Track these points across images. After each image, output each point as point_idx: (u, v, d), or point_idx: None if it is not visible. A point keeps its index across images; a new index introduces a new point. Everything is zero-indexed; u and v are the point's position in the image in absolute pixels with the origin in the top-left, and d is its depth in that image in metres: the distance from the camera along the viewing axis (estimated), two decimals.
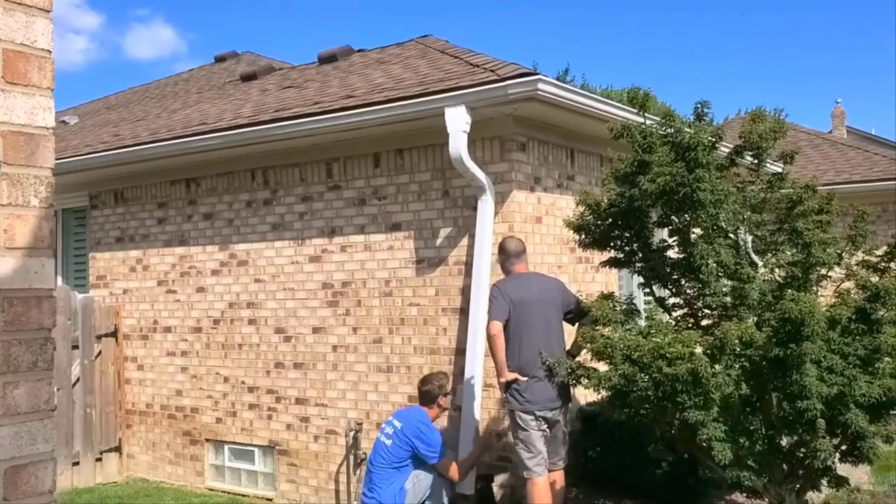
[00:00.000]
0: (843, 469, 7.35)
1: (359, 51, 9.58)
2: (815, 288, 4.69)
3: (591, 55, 52.81)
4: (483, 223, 6.01)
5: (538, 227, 6.35)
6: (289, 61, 11.66)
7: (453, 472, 5.55)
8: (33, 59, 1.61)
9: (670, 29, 55.12)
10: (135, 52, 62.36)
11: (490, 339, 4.94)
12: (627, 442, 5.85)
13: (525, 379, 4.88)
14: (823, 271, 4.76)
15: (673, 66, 54.99)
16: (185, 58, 60.87)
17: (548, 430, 4.96)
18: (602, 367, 4.67)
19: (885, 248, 4.68)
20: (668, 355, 4.03)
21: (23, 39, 1.59)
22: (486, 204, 6.00)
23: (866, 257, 4.76)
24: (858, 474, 7.22)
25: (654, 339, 4.17)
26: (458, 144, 5.74)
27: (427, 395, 5.78)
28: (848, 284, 4.67)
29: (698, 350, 4.18)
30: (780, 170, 10.15)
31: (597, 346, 4.44)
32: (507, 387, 4.94)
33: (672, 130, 4.45)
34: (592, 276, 6.97)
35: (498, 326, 4.89)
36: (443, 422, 6.10)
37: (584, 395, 6.32)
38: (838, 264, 4.76)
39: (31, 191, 1.59)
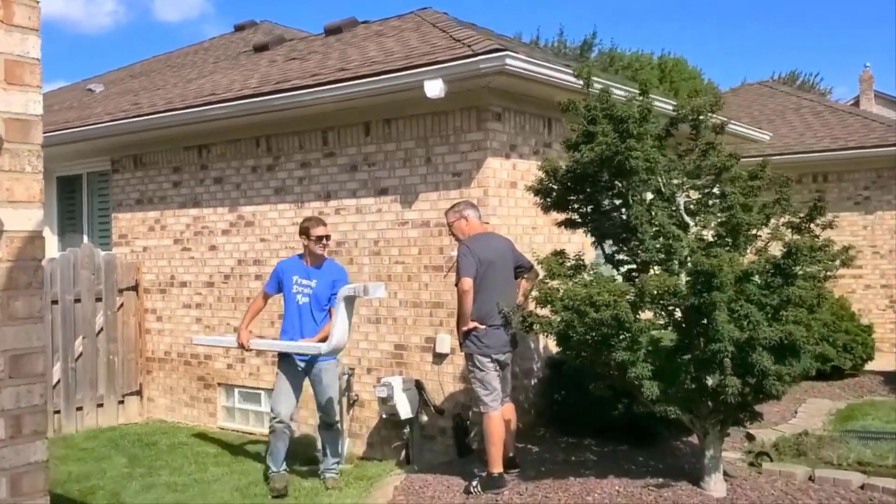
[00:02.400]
0: (809, 416, 7.91)
1: (363, 23, 10.12)
2: (744, 246, 5.22)
3: (621, 19, 52.53)
4: None
5: (513, 191, 6.91)
6: (308, 29, 12.24)
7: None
8: (27, 66, 2.23)
9: None
10: (163, 15, 62.95)
11: (463, 293, 5.54)
12: (588, 386, 6.44)
13: (483, 327, 5.50)
14: (754, 231, 5.29)
15: (707, 31, 54.54)
16: (212, 19, 61.38)
17: (500, 371, 5.59)
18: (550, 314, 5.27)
19: (805, 210, 5.19)
20: (596, 302, 4.62)
21: (19, 52, 2.22)
22: None
23: (791, 219, 5.27)
24: (814, 422, 7.79)
25: (590, 289, 4.75)
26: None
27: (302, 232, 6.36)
28: (775, 244, 5.20)
29: (628, 298, 4.75)
30: (766, 137, 10.51)
31: (541, 296, 5.04)
32: (466, 334, 5.57)
33: (608, 105, 4.97)
34: (569, 237, 7.50)
35: (469, 283, 5.51)
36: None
37: (553, 345, 6.92)
38: (766, 225, 5.28)
39: (25, 160, 2.23)
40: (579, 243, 7.49)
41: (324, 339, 6.04)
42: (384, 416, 6.80)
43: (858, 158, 12.40)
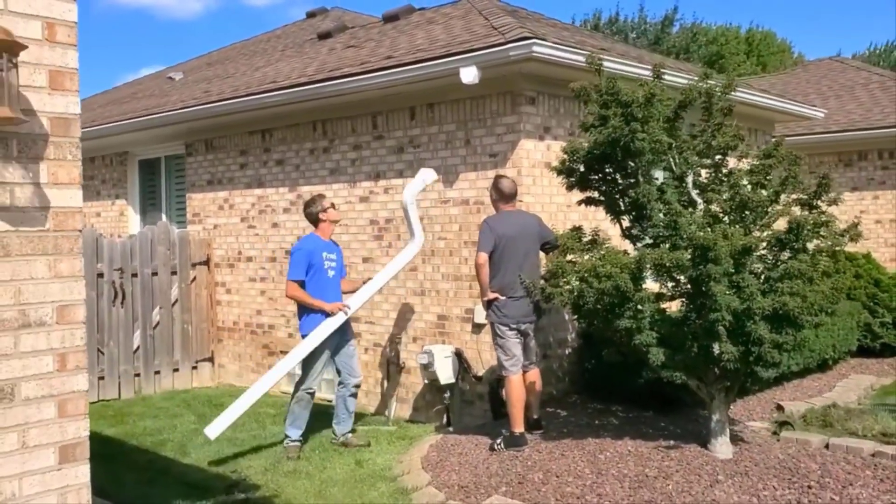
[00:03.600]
0: (846, 390, 7.99)
1: (419, 10, 10.57)
2: (753, 222, 5.49)
3: None
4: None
5: (547, 171, 7.27)
6: (377, 14, 12.69)
7: (287, 287, 6.71)
8: (67, 74, 2.79)
9: None
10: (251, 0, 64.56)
11: (477, 267, 6.02)
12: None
13: (503, 298, 5.94)
14: (763, 209, 5.54)
15: (801, 2, 52.79)
16: (299, 2, 62.62)
17: (522, 339, 6.02)
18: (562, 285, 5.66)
19: (813, 186, 5.41)
20: (599, 273, 5.00)
21: (60, 63, 2.77)
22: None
23: (801, 196, 5.51)
24: (849, 395, 7.92)
25: (594, 261, 5.13)
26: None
27: (310, 217, 6.88)
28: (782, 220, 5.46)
29: (629, 269, 5.10)
30: (820, 115, 10.52)
31: (554, 268, 5.44)
32: (489, 304, 6.02)
33: (614, 91, 5.31)
34: (605, 215, 7.84)
35: (484, 257, 5.96)
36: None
37: None
38: (776, 202, 5.53)
39: (67, 151, 2.79)
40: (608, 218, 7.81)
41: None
42: (426, 381, 7.31)
43: None
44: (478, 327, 7.33)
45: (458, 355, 7.27)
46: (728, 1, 49.79)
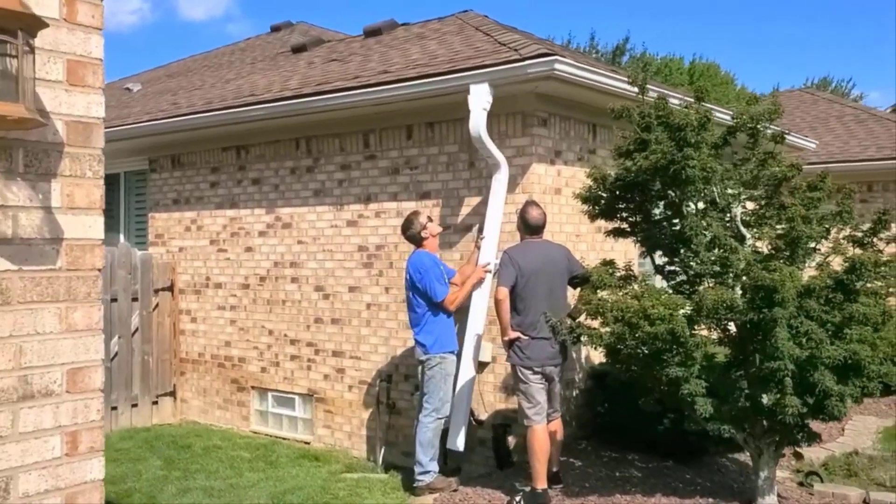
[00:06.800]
0: (858, 433, 7.67)
1: (402, 25, 10.01)
2: (803, 260, 5.04)
3: (654, 23, 52.12)
4: (495, 198, 6.42)
5: (557, 197, 6.77)
6: (341, 30, 12.21)
7: (445, 303, 6.12)
8: (89, 66, 2.14)
9: None
10: (188, 13, 63.11)
11: (497, 303, 5.43)
12: (633, 399, 6.28)
13: (526, 338, 5.36)
14: (812, 245, 5.10)
15: (743, 33, 53.96)
16: (238, 19, 61.43)
17: (546, 384, 5.44)
18: (599, 327, 5.12)
19: (868, 224, 5.00)
20: (651, 316, 4.46)
21: (81, 52, 2.12)
22: (499, 182, 6.42)
23: (854, 232, 5.08)
24: (863, 440, 7.56)
25: (643, 301, 4.59)
26: (477, 122, 6.17)
27: (413, 238, 6.32)
28: (836, 258, 5.02)
29: (683, 312, 4.59)
30: (813, 146, 10.26)
31: (591, 308, 4.89)
32: (510, 345, 5.43)
33: (665, 112, 4.82)
34: (612, 246, 7.34)
35: (504, 292, 5.37)
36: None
37: (596, 356, 6.76)
38: (826, 238, 5.10)
39: (86, 166, 2.14)
40: (622, 252, 7.32)
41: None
42: None
43: None
44: (480, 366, 6.73)
45: None
46: (676, 31, 50.61)
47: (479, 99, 6.18)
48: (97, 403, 2.16)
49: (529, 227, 5.61)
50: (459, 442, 6.19)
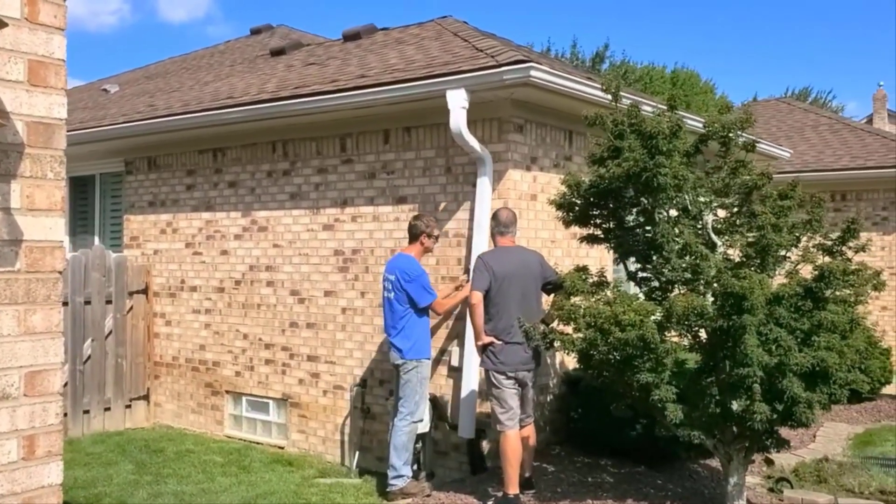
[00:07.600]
0: (828, 440, 7.73)
1: (382, 29, 10.01)
2: (773, 268, 5.08)
3: (634, 31, 52.46)
4: (482, 196, 6.46)
5: (533, 203, 6.79)
6: (322, 34, 12.20)
7: (437, 305, 6.15)
8: (51, 66, 2.12)
9: (717, 5, 54.45)
10: (169, 15, 62.80)
11: (470, 307, 5.44)
12: (606, 405, 6.30)
13: (500, 343, 5.37)
14: (783, 253, 5.15)
15: (720, 43, 54.40)
16: (219, 21, 61.21)
17: (519, 389, 5.45)
18: (572, 332, 5.14)
19: (837, 233, 5.05)
20: (622, 322, 4.49)
21: (43, 52, 2.11)
22: (483, 179, 6.45)
23: (823, 241, 5.14)
24: (834, 447, 7.63)
25: (615, 307, 4.61)
26: (458, 120, 6.19)
27: (413, 229, 6.29)
28: (805, 266, 5.07)
29: (654, 318, 4.62)
30: (787, 155, 10.38)
31: (564, 313, 4.91)
32: (483, 349, 5.44)
33: (637, 120, 4.85)
34: (587, 252, 7.38)
35: (478, 296, 5.39)
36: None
37: (570, 361, 6.78)
38: (795, 246, 5.15)
39: (47, 167, 2.12)
40: (597, 258, 7.36)
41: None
42: None
43: (877, 178, 12.25)
44: (454, 370, 6.74)
45: (433, 401, 6.65)
46: (658, 40, 50.95)
47: (457, 103, 6.20)
48: (56, 407, 2.14)
49: (500, 224, 5.66)
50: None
